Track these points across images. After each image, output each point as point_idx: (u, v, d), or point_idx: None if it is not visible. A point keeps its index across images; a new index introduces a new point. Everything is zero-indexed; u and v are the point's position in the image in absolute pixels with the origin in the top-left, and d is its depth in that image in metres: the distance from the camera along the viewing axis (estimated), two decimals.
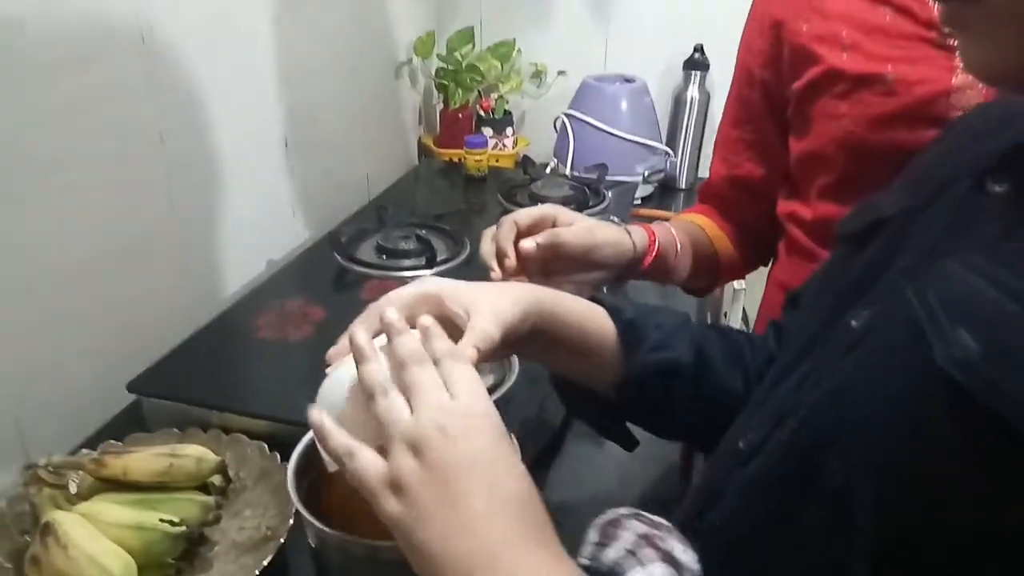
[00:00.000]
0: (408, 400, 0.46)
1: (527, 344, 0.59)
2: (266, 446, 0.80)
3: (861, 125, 0.76)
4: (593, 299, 0.65)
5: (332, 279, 1.14)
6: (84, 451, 0.79)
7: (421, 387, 0.46)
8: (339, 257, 1.16)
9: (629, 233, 0.85)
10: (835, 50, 0.77)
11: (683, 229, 0.94)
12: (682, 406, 0.65)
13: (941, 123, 0.70)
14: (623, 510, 0.53)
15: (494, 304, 0.55)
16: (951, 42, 0.70)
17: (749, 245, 1.00)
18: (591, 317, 0.63)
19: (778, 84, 0.85)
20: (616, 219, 0.91)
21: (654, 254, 0.86)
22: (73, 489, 0.71)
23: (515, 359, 0.75)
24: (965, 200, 0.46)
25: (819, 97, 0.79)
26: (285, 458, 0.77)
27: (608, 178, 1.46)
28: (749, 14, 0.90)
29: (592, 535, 0.51)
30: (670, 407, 0.65)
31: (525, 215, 0.79)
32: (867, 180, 0.72)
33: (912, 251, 0.48)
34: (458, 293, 0.56)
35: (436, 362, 0.48)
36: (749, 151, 0.94)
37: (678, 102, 1.62)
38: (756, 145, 0.93)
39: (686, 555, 0.49)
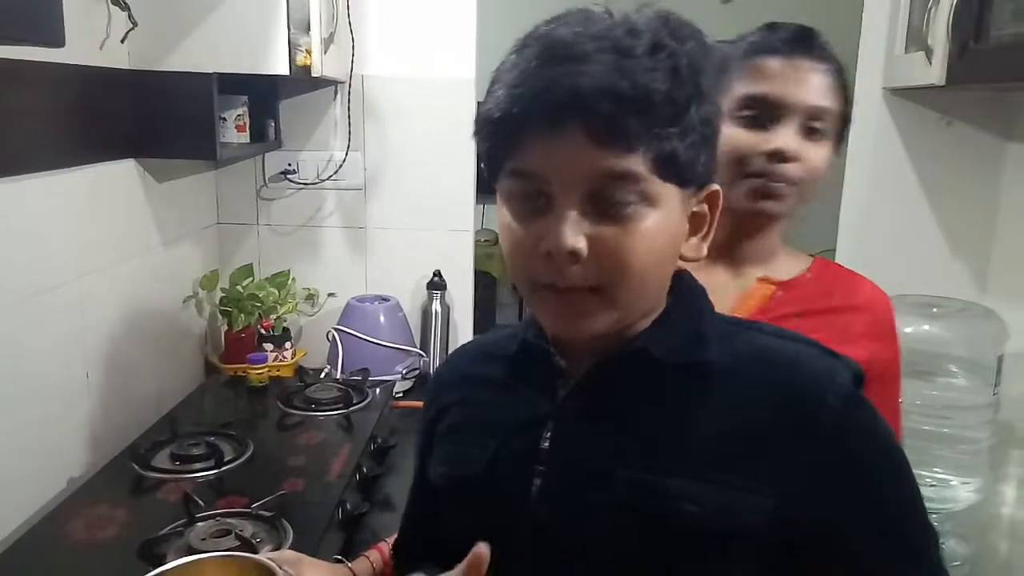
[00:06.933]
0: None
1: None
2: None
3: None
4: None
5: (131, 486, 1.33)
6: None
7: None
8: (137, 467, 1.37)
9: (351, 571, 0.98)
10: None
11: None
12: None
13: None
14: None
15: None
16: None
17: None
18: None
19: None
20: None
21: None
22: None
23: None
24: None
25: None
26: None
27: (371, 378, 1.81)
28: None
29: None
30: None
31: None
32: None
33: None
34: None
35: None
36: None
37: (426, 314, 2.04)
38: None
39: None
